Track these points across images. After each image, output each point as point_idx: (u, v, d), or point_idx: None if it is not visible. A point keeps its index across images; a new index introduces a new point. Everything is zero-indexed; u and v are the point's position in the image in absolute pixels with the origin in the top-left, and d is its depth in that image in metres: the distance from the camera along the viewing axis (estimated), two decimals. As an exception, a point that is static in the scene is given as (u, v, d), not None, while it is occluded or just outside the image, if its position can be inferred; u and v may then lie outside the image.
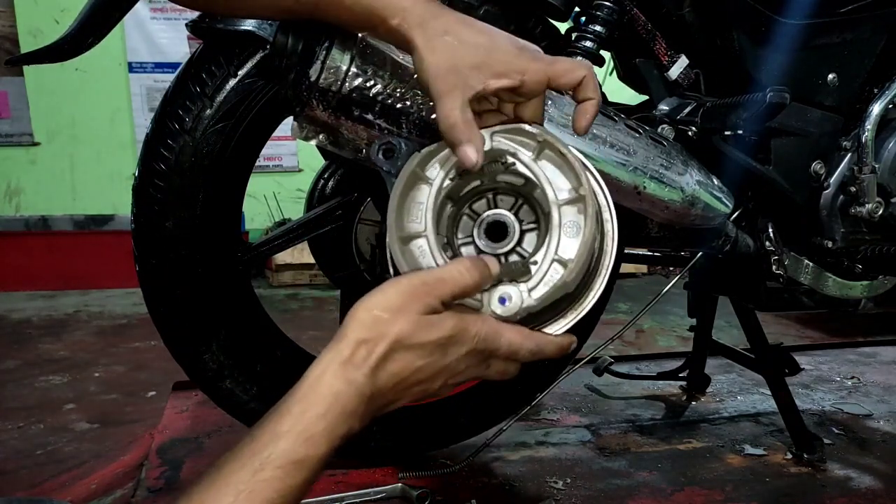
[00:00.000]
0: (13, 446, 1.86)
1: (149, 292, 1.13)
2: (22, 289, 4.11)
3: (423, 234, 0.61)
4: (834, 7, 1.15)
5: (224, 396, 1.21)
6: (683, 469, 1.40)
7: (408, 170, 0.63)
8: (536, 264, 0.61)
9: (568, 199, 0.62)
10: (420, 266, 0.60)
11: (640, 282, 4.34)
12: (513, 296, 0.60)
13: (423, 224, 0.61)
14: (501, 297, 0.60)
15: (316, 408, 0.53)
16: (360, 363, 0.54)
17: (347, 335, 0.55)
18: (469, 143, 0.61)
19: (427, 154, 0.65)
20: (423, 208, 0.62)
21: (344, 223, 1.24)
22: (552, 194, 0.62)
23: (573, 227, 0.61)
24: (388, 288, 0.56)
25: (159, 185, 1.07)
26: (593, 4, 1.09)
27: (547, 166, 0.64)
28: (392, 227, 0.61)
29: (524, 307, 0.59)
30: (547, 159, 0.64)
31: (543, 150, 0.64)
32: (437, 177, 0.63)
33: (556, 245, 0.60)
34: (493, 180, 0.66)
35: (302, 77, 0.81)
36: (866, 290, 1.32)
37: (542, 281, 0.60)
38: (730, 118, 1.07)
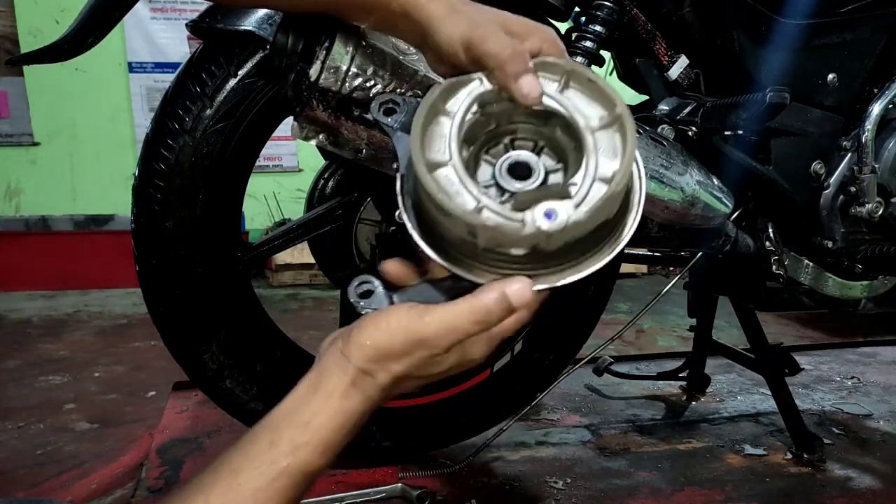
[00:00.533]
0: (13, 446, 1.86)
1: (149, 292, 1.13)
2: (22, 289, 4.11)
3: (448, 163, 0.59)
4: (834, 7, 1.15)
5: (224, 396, 1.21)
6: (683, 469, 1.40)
7: (428, 101, 0.61)
8: (575, 186, 0.58)
9: (601, 124, 0.60)
10: (448, 192, 0.57)
11: (640, 282, 4.34)
12: (559, 210, 0.56)
13: (447, 154, 0.59)
14: (548, 211, 0.56)
15: (332, 422, 0.55)
16: (370, 386, 0.56)
17: (353, 361, 0.56)
18: (529, 73, 0.59)
19: (448, 86, 0.62)
20: (447, 140, 0.60)
21: (344, 223, 1.24)
22: (583, 122, 0.60)
23: (610, 150, 0.59)
24: (397, 330, 0.55)
25: (159, 185, 1.07)
26: (593, 4, 1.09)
27: (574, 96, 0.62)
28: (417, 155, 0.57)
29: (572, 222, 0.55)
30: (573, 90, 0.62)
31: (569, 81, 0.62)
32: (459, 109, 0.61)
33: (595, 167, 0.58)
34: (509, 121, 0.64)
35: (302, 77, 0.81)
36: (866, 290, 1.32)
37: (585, 199, 0.57)
38: (730, 118, 1.07)
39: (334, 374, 0.55)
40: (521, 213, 0.57)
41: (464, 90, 0.62)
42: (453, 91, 0.62)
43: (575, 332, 1.42)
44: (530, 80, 0.59)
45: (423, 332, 0.54)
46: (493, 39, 0.60)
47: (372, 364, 0.55)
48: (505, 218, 0.56)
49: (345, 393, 0.55)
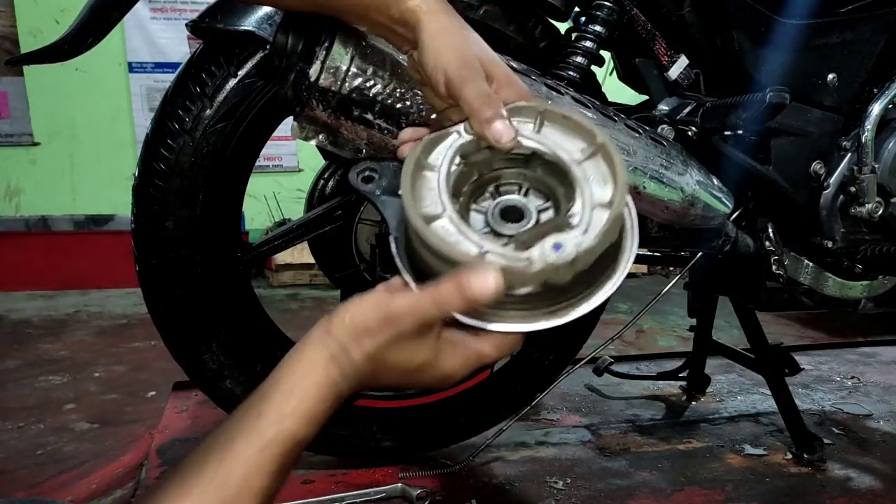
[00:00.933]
0: (13, 446, 1.86)
1: (149, 292, 1.13)
2: (22, 289, 4.11)
3: (443, 215, 0.59)
4: (834, 7, 1.16)
5: (224, 396, 1.21)
6: (683, 469, 1.40)
7: (412, 158, 0.62)
8: (576, 216, 0.58)
9: (586, 156, 0.61)
10: (450, 243, 0.57)
11: (640, 282, 4.34)
12: (566, 241, 0.56)
13: (440, 206, 0.59)
14: (556, 244, 0.56)
15: (316, 391, 0.57)
16: (346, 362, 0.57)
17: (334, 334, 0.58)
18: (503, 119, 0.61)
19: (429, 142, 0.63)
20: (437, 192, 0.60)
21: (344, 223, 1.24)
22: (566, 156, 0.61)
23: (600, 178, 0.60)
24: (371, 305, 0.58)
25: (159, 185, 1.07)
26: (593, 4, 1.09)
27: (552, 134, 0.63)
28: (412, 211, 0.57)
29: (584, 248, 0.55)
30: (550, 129, 0.64)
31: (544, 120, 0.64)
32: (443, 162, 0.62)
33: (590, 195, 0.59)
34: (491, 169, 0.65)
35: (302, 77, 0.81)
36: (866, 290, 1.32)
37: (590, 225, 0.57)
38: (730, 118, 1.07)
39: (317, 347, 0.58)
40: (526, 252, 0.57)
41: (443, 144, 0.64)
42: (434, 145, 0.64)
43: (575, 332, 1.42)
44: (503, 125, 0.61)
45: (391, 308, 0.56)
46: (471, 85, 0.62)
47: (348, 338, 0.57)
48: (510, 259, 0.56)
49: (325, 365, 0.57)
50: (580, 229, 0.57)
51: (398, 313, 0.56)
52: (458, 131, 0.64)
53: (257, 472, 0.53)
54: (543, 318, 0.58)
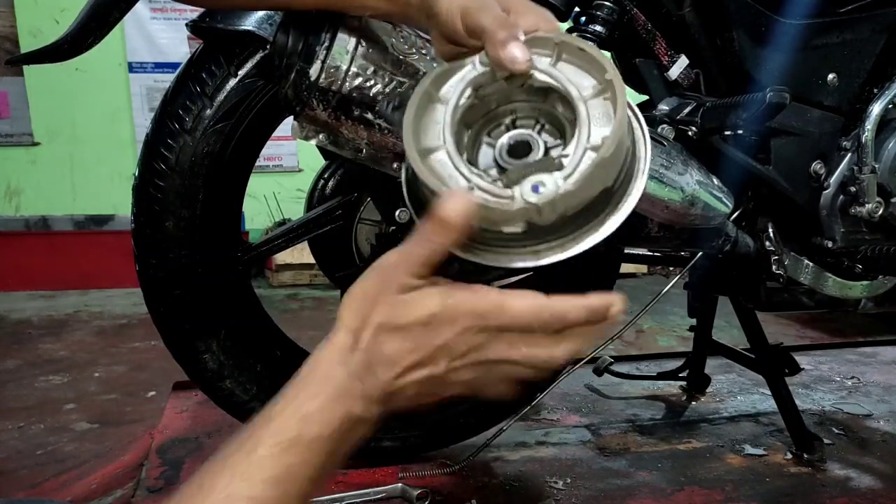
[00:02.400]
0: (13, 446, 1.86)
1: (149, 292, 1.13)
2: (22, 289, 4.11)
3: (441, 148, 0.58)
4: (834, 7, 1.16)
5: (224, 396, 1.21)
6: (683, 469, 1.40)
7: (420, 89, 0.61)
8: (567, 157, 0.57)
9: (594, 93, 0.59)
10: (442, 175, 0.57)
11: (640, 282, 4.34)
12: (547, 182, 0.55)
13: (441, 139, 0.59)
14: (535, 184, 0.55)
15: (308, 389, 0.53)
16: (352, 347, 0.54)
17: (339, 325, 0.55)
18: (517, 41, 0.59)
19: (441, 73, 0.62)
20: (441, 126, 0.59)
21: (344, 223, 1.24)
22: (576, 92, 0.59)
23: (603, 118, 0.58)
24: (369, 272, 0.56)
25: (159, 185, 1.07)
26: (593, 4, 1.09)
27: (567, 69, 0.61)
28: (409, 144, 0.57)
29: (561, 193, 0.54)
30: (566, 62, 0.62)
31: (561, 53, 0.62)
32: (453, 95, 0.61)
33: (588, 136, 0.57)
34: (507, 100, 0.63)
35: (302, 77, 0.81)
36: (866, 290, 1.32)
37: (576, 168, 0.56)
38: (730, 118, 1.07)
39: (319, 349, 0.56)
40: (510, 190, 0.56)
41: (456, 76, 0.62)
42: (446, 77, 0.62)
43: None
44: (518, 47, 0.59)
45: (383, 264, 0.55)
46: (486, 11, 0.61)
47: (355, 319, 0.54)
48: (494, 195, 0.56)
49: (324, 366, 0.54)
50: (565, 171, 0.56)
51: (390, 265, 0.54)
52: (472, 62, 0.62)
53: (244, 478, 0.49)
54: (529, 256, 0.57)
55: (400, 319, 0.53)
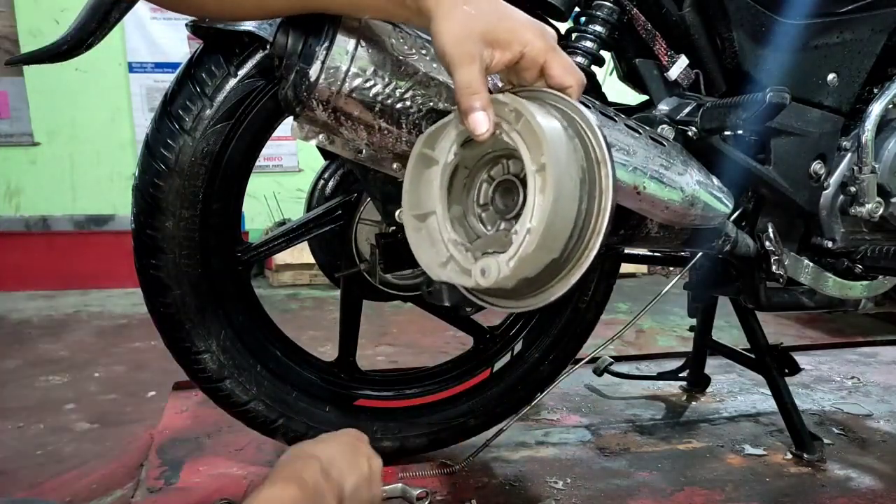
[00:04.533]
0: (13, 446, 1.86)
1: (149, 292, 1.13)
2: (22, 289, 4.11)
3: (433, 214, 0.63)
4: (834, 7, 1.16)
5: (224, 396, 1.21)
6: (683, 469, 1.40)
7: (415, 152, 0.64)
8: (516, 234, 0.61)
9: (536, 168, 0.61)
10: (432, 243, 0.64)
11: (640, 282, 4.34)
12: (491, 268, 0.61)
13: (434, 203, 0.64)
14: (482, 268, 0.62)
15: None
16: None
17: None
18: (483, 110, 0.62)
19: (431, 134, 0.65)
20: (435, 187, 0.64)
21: (344, 223, 1.24)
22: (528, 162, 0.61)
23: (545, 196, 0.60)
24: None
25: (159, 185, 1.07)
26: (593, 4, 1.09)
27: (525, 133, 0.63)
28: (406, 206, 0.63)
29: (501, 278, 0.60)
30: (524, 126, 0.63)
31: (519, 117, 0.64)
32: (443, 154, 0.64)
33: (530, 214, 0.60)
34: (499, 146, 0.66)
35: (302, 77, 0.81)
36: (866, 290, 1.32)
37: (518, 252, 0.60)
38: (730, 118, 1.07)
39: None
40: (472, 265, 0.63)
41: (444, 133, 0.65)
42: (436, 136, 0.65)
43: (575, 332, 1.42)
44: (478, 118, 0.62)
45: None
46: (460, 70, 0.63)
47: None
48: (460, 272, 0.63)
49: None
50: (508, 254, 0.61)
51: None
52: (454, 121, 0.65)
53: None
54: (513, 303, 0.68)
55: None
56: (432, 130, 0.65)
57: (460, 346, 1.75)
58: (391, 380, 1.40)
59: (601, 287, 1.41)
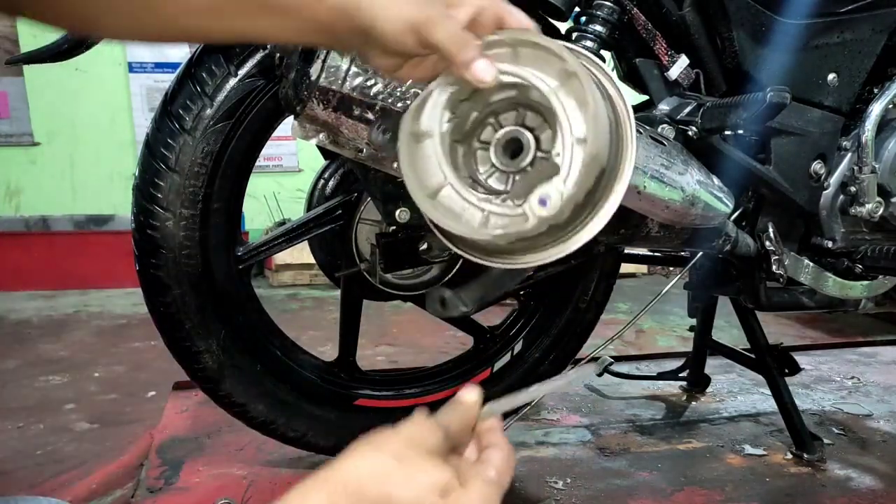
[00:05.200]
0: (13, 446, 1.86)
1: (149, 292, 1.13)
2: (22, 289, 4.11)
3: (445, 183, 0.60)
4: (834, 7, 1.15)
5: (224, 396, 1.21)
6: (683, 469, 1.40)
7: (404, 133, 0.62)
8: (560, 155, 0.59)
9: (560, 83, 0.60)
10: (456, 213, 0.60)
11: (640, 282, 4.34)
12: (551, 194, 0.58)
13: (441, 174, 0.61)
14: (541, 198, 0.58)
15: None
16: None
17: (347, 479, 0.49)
18: (481, 56, 0.59)
19: (415, 109, 0.63)
20: (436, 160, 0.61)
21: (344, 223, 1.24)
22: (544, 85, 0.60)
23: (578, 103, 0.59)
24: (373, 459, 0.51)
25: (159, 184, 1.07)
26: (593, 4, 1.09)
27: (528, 63, 0.62)
28: (414, 189, 0.59)
29: (566, 199, 0.57)
30: (526, 57, 0.62)
31: (518, 49, 0.62)
32: (435, 125, 0.62)
33: (570, 128, 0.58)
34: (486, 104, 0.64)
35: (302, 76, 0.81)
36: (866, 290, 1.32)
37: (571, 167, 0.58)
38: (730, 118, 1.07)
39: None
40: (520, 208, 0.59)
41: (428, 105, 0.63)
42: (420, 111, 0.63)
43: (575, 332, 1.42)
44: (482, 65, 0.58)
45: (388, 453, 0.52)
46: (440, 27, 0.58)
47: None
48: (510, 218, 0.59)
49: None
50: (563, 174, 0.58)
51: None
52: (439, 87, 0.63)
53: None
54: (559, 245, 0.62)
55: None
56: (417, 104, 0.62)
57: (460, 346, 1.75)
58: (391, 380, 1.40)
59: (601, 287, 1.41)
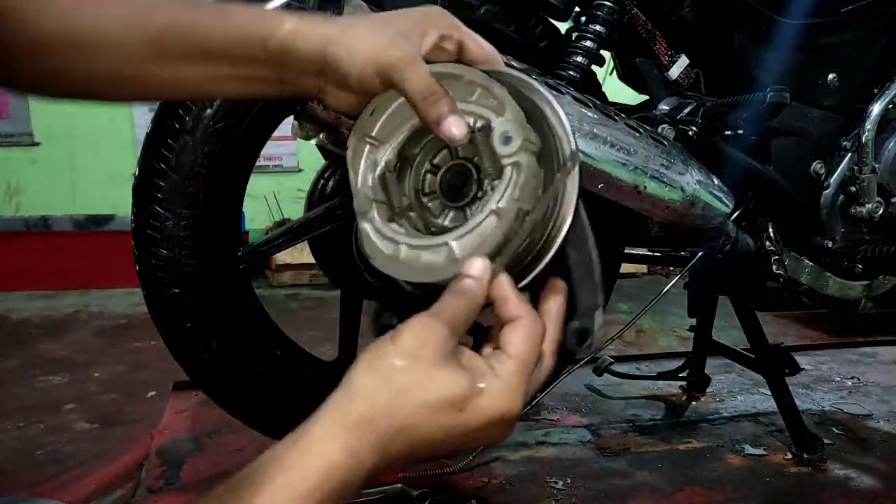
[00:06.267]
0: (13, 446, 1.86)
1: (149, 292, 1.13)
2: (22, 289, 4.10)
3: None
4: (834, 7, 1.15)
5: (224, 396, 1.21)
6: (683, 469, 1.40)
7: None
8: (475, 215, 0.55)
9: (515, 149, 0.55)
10: (421, 264, 0.56)
11: (640, 282, 4.34)
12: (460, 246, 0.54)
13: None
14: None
15: (306, 481, 0.43)
16: (367, 432, 0.45)
17: (354, 400, 0.46)
18: (451, 112, 0.53)
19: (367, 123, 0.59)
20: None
21: (344, 223, 1.24)
22: (500, 147, 0.55)
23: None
24: (403, 342, 0.47)
25: (159, 184, 1.07)
26: (593, 4, 1.09)
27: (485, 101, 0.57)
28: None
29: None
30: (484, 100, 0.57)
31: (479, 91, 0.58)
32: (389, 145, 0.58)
33: (502, 195, 0.54)
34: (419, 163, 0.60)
35: (302, 77, 0.81)
36: (866, 290, 1.31)
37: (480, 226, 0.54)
38: (730, 118, 1.07)
39: (323, 420, 0.49)
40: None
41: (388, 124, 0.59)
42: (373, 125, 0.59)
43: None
44: (453, 121, 0.53)
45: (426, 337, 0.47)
46: (410, 72, 0.54)
47: (373, 405, 0.46)
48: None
49: (327, 448, 0.46)
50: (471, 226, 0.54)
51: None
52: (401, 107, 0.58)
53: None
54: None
55: (430, 426, 0.46)
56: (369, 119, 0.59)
57: (460, 346, 1.74)
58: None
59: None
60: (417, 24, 0.58)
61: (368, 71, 0.55)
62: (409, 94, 0.54)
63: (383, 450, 0.45)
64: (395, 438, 0.45)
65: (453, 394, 0.45)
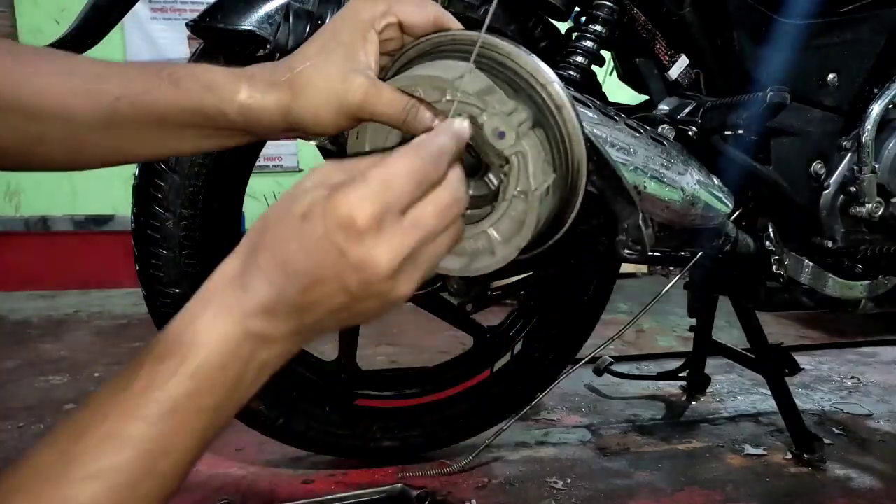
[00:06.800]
0: (13, 446, 1.86)
1: (149, 292, 1.13)
2: (22, 289, 4.11)
3: None
4: (834, 7, 1.15)
5: (224, 396, 1.21)
6: (683, 469, 1.40)
7: None
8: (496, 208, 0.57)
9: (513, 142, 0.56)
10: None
11: (640, 282, 4.34)
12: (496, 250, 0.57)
13: None
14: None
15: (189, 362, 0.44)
16: (250, 267, 0.46)
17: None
18: (438, 115, 0.53)
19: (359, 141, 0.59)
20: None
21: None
22: (500, 144, 0.56)
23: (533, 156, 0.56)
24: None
25: (159, 184, 1.07)
26: (593, 4, 1.09)
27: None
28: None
29: (501, 257, 0.56)
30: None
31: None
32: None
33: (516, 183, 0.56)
34: None
35: (302, 77, 0.81)
36: (866, 290, 1.31)
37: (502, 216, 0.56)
38: (730, 118, 1.07)
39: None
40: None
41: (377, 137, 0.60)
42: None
43: (575, 332, 1.42)
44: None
45: None
46: (378, 105, 0.53)
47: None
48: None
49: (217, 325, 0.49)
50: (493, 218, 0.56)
51: None
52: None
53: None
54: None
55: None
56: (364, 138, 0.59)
57: (461, 346, 1.75)
58: (391, 380, 1.40)
59: (601, 287, 1.41)
60: (355, 28, 0.56)
61: (339, 121, 0.56)
62: (388, 122, 0.55)
63: (262, 279, 0.44)
64: (269, 267, 0.44)
65: (309, 201, 0.43)
